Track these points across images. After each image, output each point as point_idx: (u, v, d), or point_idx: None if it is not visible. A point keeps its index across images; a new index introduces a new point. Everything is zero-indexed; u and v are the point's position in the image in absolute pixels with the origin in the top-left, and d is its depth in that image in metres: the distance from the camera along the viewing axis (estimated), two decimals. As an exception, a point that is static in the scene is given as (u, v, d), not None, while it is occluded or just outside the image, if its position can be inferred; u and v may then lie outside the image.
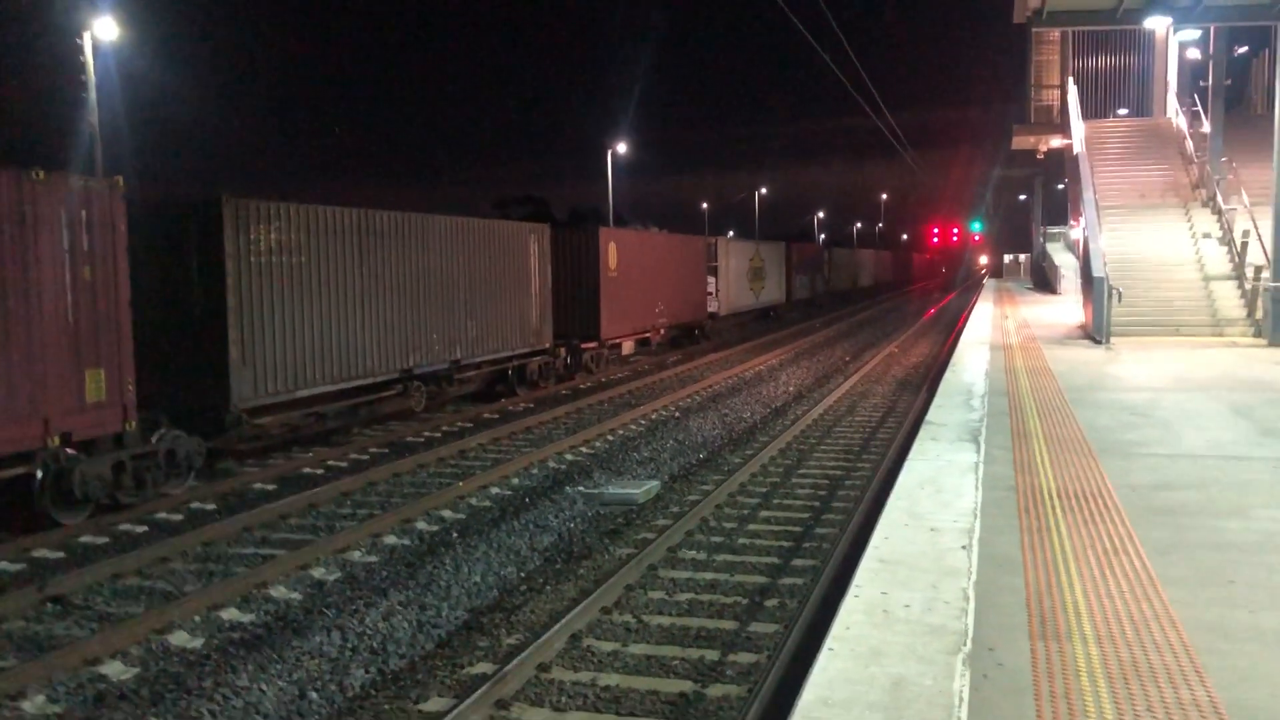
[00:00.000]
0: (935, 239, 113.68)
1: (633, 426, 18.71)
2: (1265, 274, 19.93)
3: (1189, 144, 27.88)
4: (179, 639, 8.55)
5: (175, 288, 14.40)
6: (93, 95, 24.43)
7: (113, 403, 12.07)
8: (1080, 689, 4.37)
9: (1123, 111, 34.90)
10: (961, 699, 4.12)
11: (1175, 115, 30.23)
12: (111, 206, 12.07)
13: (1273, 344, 18.87)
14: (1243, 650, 4.80)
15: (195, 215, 14.48)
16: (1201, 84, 28.75)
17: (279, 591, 9.71)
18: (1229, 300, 21.46)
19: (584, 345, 26.49)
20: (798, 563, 10.57)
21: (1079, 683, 4.43)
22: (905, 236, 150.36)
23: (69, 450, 11.64)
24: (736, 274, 42.69)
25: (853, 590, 5.42)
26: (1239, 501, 7.59)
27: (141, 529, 12.04)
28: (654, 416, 19.85)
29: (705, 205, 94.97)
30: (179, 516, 12.59)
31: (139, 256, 12.67)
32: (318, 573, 10.26)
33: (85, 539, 11.55)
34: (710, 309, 38.55)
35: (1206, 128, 26.22)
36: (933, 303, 69.73)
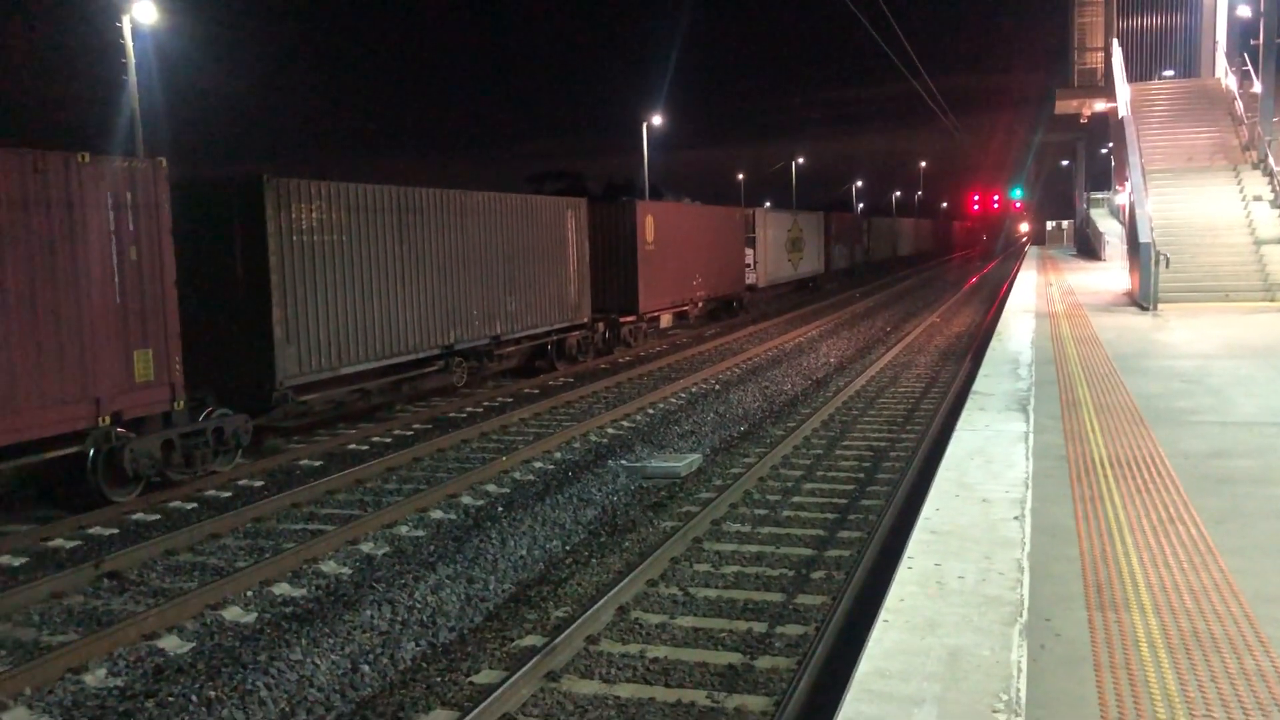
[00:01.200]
0: (975, 206, 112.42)
1: (673, 400, 18.70)
2: (1318, 237, 19.49)
3: (1239, 105, 27.26)
4: (232, 614, 8.68)
5: (219, 267, 14.52)
6: (133, 78, 24.63)
7: (161, 382, 12.22)
8: (1140, 659, 4.31)
9: (1169, 73, 34.19)
10: (1020, 670, 4.08)
11: (1224, 75, 29.56)
12: (155, 187, 12.18)
13: (1326, 308, 18.47)
14: (1306, 620, 4.71)
15: (237, 195, 14.59)
16: (1252, 42, 28.01)
17: (329, 566, 9.83)
18: (1280, 264, 21.01)
19: (622, 319, 26.47)
20: (844, 535, 10.53)
21: (1139, 653, 4.37)
22: (945, 205, 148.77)
23: (119, 430, 11.83)
24: (774, 245, 42.41)
25: (905, 562, 5.38)
26: (1297, 469, 7.45)
27: (191, 506, 12.23)
28: (694, 390, 19.82)
29: (741, 176, 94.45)
30: (228, 493, 12.76)
31: (182, 237, 12.78)
32: (366, 548, 10.37)
33: (137, 516, 11.74)
34: (748, 281, 38.34)
35: (1258, 88, 25.59)
36: (974, 271, 68.98)
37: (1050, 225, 74.95)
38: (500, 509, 11.70)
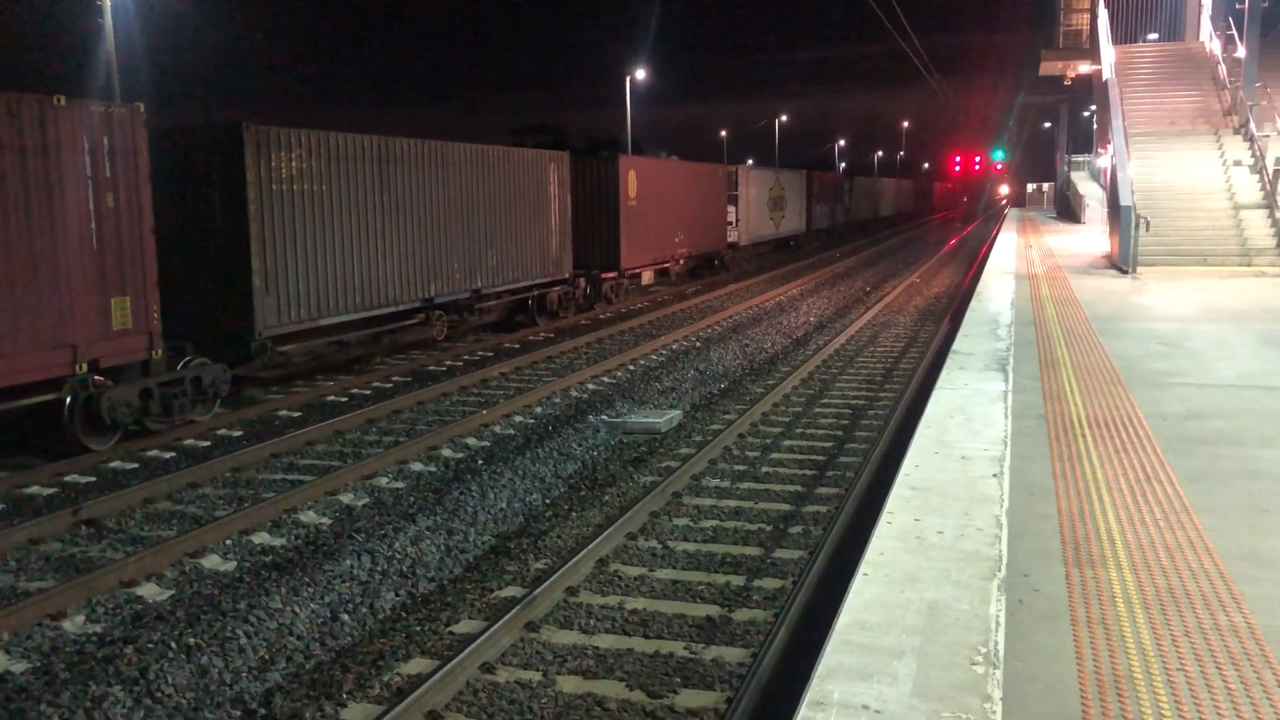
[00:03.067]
0: (957, 168, 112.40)
1: (653, 356, 18.70)
2: (1297, 203, 19.61)
3: (1222, 69, 27.26)
4: (212, 562, 8.68)
5: (197, 215, 14.36)
6: (108, 20, 24.17)
7: (139, 330, 12.11)
8: (1117, 614, 4.37)
9: (1153, 36, 34.09)
10: (998, 623, 4.13)
11: (1209, 39, 29.52)
12: (133, 133, 11.99)
13: (1303, 274, 18.62)
14: (1278, 577, 4.79)
15: (217, 143, 14.39)
16: (1238, 6, 27.95)
17: (308, 516, 9.82)
18: (1259, 229, 21.15)
19: (604, 275, 26.40)
20: (822, 490, 10.61)
21: (1115, 609, 4.44)
22: (926, 165, 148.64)
23: (97, 377, 11.73)
24: (757, 203, 42.29)
25: (885, 517, 5.42)
26: (1272, 431, 7.54)
27: (170, 455, 12.17)
28: (675, 346, 19.83)
29: (724, 133, 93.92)
30: (206, 443, 12.71)
31: (161, 184, 12.62)
32: (346, 498, 10.36)
33: (115, 464, 11.69)
34: (730, 238, 38.28)
35: (1241, 52, 25.59)
36: (954, 232, 69.09)
37: (1031, 188, 75.10)
38: (480, 462, 11.70)
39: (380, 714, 6.08)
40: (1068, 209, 46.11)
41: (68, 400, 11.47)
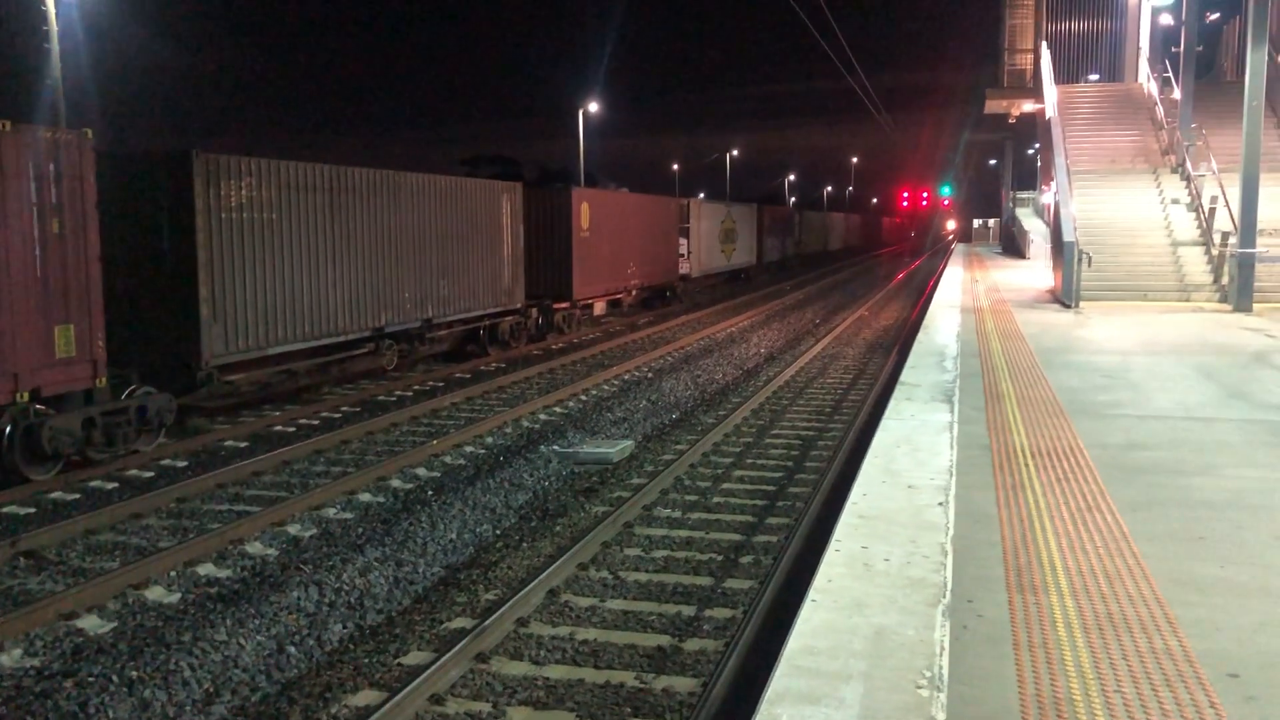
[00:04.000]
0: (905, 203, 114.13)
1: (605, 387, 18.74)
2: (1232, 240, 20.17)
3: (1160, 110, 28.07)
4: (155, 594, 8.53)
5: (145, 243, 14.21)
6: (55, 46, 23.92)
7: (82, 358, 11.93)
8: (1058, 639, 4.46)
9: (1094, 77, 35.04)
10: (943, 648, 4.20)
11: (1147, 81, 30.41)
12: (80, 159, 11.87)
13: (1238, 309, 19.14)
14: (1212, 602, 4.92)
15: (165, 170, 14.26)
16: (1174, 50, 28.86)
17: (255, 548, 9.70)
18: (1196, 266, 21.71)
19: (556, 305, 26.44)
20: (772, 520, 10.68)
21: (1056, 633, 4.53)
22: (875, 200, 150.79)
23: (38, 406, 11.52)
24: (708, 236, 42.64)
25: (833, 545, 5.48)
26: (1208, 461, 7.74)
27: (112, 485, 11.97)
28: (626, 377, 19.89)
29: (676, 166, 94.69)
30: (150, 473, 12.51)
31: (108, 211, 12.48)
32: (293, 529, 10.25)
33: (55, 495, 11.46)
34: (682, 270, 38.51)
35: (1177, 94, 26.38)
36: (902, 266, 70.03)
37: (977, 223, 76.45)
38: (430, 493, 11.64)
39: (327, 746, 6.01)
40: (1013, 244, 47.00)
41: (7, 429, 11.24)
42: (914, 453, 7.55)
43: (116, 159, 14.07)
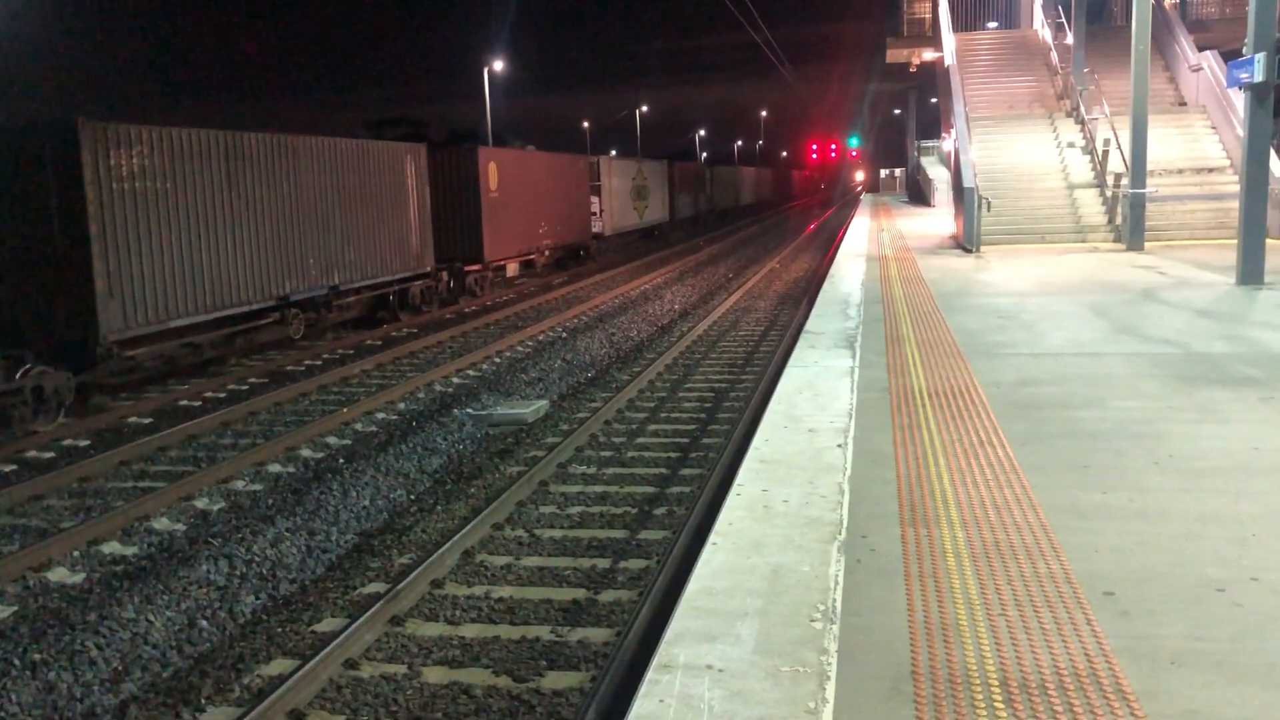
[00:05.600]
0: (814, 156, 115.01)
1: (519, 348, 18.70)
2: (1124, 181, 20.80)
3: (1054, 55, 28.68)
4: (58, 575, 8.35)
5: (34, 217, 13.71)
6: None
7: (-30, 339, 11.53)
8: (947, 568, 4.64)
9: (992, 24, 35.61)
10: (837, 583, 4.34)
11: (1041, 27, 31.00)
12: (-45, 131, 11.38)
13: (1131, 248, 19.80)
14: (1093, 526, 5.15)
15: (50, 141, 13.72)
16: (1066, -4, 29.44)
17: (161, 523, 9.54)
18: (1091, 207, 22.37)
19: (467, 268, 26.21)
20: (686, 471, 10.82)
21: (945, 563, 4.70)
22: (785, 154, 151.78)
23: (-74, 390, 11.13)
24: (620, 194, 42.55)
25: (735, 489, 5.61)
26: (1095, 394, 8.05)
27: (10, 468, 11.63)
28: (541, 337, 19.86)
29: (586, 124, 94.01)
30: (50, 454, 12.18)
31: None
32: (201, 503, 10.10)
33: (-50, 481, 11.11)
34: (595, 229, 38.43)
35: (1070, 40, 26.98)
36: (813, 218, 70.83)
37: (885, 173, 77.52)
38: (341, 461, 11.54)
39: (240, 715, 5.98)
40: (919, 193, 47.81)
41: (-106, 415, 10.85)
42: (815, 398, 7.73)
43: (-2, 131, 13.53)
